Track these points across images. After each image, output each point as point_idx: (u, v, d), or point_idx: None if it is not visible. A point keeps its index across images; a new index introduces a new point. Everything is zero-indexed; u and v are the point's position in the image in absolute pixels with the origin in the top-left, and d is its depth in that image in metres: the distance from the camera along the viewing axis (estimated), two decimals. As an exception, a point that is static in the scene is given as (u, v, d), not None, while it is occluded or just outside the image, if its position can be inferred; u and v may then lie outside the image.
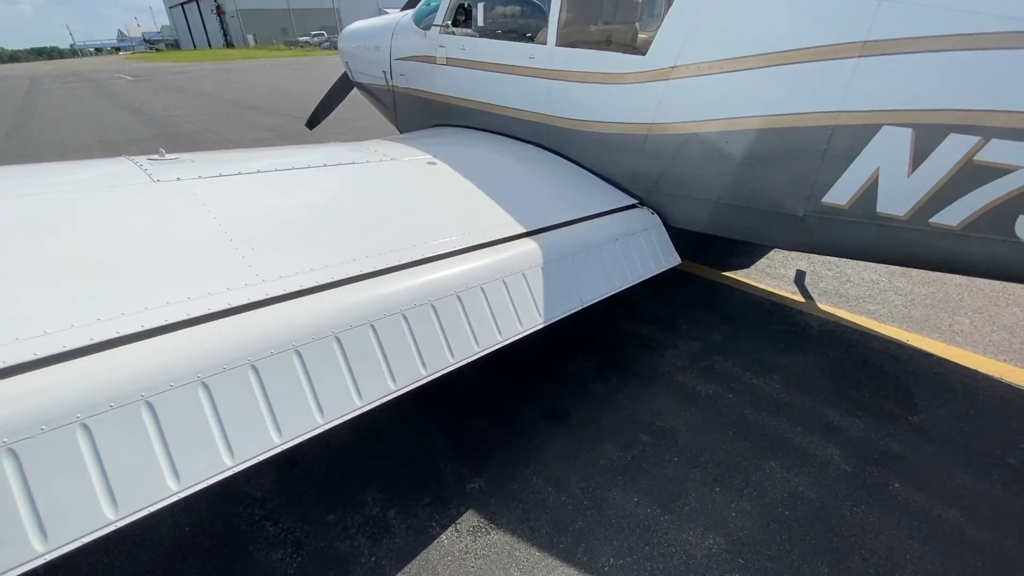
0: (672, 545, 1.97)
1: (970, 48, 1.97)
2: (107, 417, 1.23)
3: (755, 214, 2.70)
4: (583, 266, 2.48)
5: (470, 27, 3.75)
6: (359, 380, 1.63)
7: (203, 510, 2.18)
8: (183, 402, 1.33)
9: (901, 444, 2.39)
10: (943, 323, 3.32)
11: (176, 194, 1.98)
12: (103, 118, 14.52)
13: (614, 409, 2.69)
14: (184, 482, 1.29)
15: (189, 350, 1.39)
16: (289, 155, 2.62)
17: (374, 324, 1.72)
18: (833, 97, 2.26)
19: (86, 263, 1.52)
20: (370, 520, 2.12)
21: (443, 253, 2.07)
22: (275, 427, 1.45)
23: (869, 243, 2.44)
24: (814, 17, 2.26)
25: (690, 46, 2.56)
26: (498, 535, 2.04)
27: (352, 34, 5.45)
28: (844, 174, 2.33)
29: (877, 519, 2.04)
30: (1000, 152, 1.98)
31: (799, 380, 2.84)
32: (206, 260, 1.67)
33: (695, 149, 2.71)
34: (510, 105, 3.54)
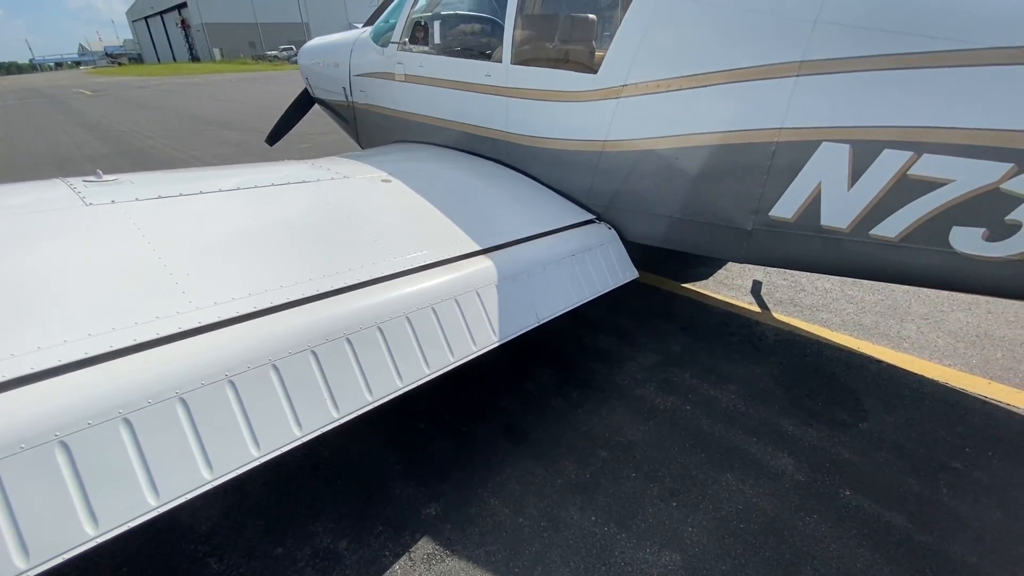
0: (629, 564, 1.96)
1: (900, 67, 2.05)
2: (17, 459, 1.15)
3: (707, 228, 2.75)
4: (540, 282, 2.47)
5: (427, 44, 3.76)
6: (298, 409, 1.57)
7: (142, 547, 2.07)
8: (101, 440, 1.26)
9: (851, 452, 2.44)
10: (892, 330, 3.43)
11: (108, 218, 1.90)
12: (59, 134, 14.04)
13: (573, 425, 2.67)
14: (103, 526, 1.21)
15: (109, 384, 1.32)
16: (236, 174, 2.56)
17: (315, 350, 1.67)
18: (775, 115, 2.32)
19: (46, 287, 1.44)
20: (320, 552, 2.04)
21: (392, 273, 2.03)
22: (206, 462, 1.38)
23: (815, 255, 2.50)
24: (753, 38, 2.33)
25: (638, 65, 2.61)
26: (453, 562, 1.99)
27: (311, 50, 5.41)
28: (789, 188, 2.39)
29: (829, 528, 2.07)
30: (932, 166, 2.06)
31: (754, 390, 2.88)
32: (136, 288, 1.59)
33: (647, 165, 2.75)
34: (468, 122, 3.54)
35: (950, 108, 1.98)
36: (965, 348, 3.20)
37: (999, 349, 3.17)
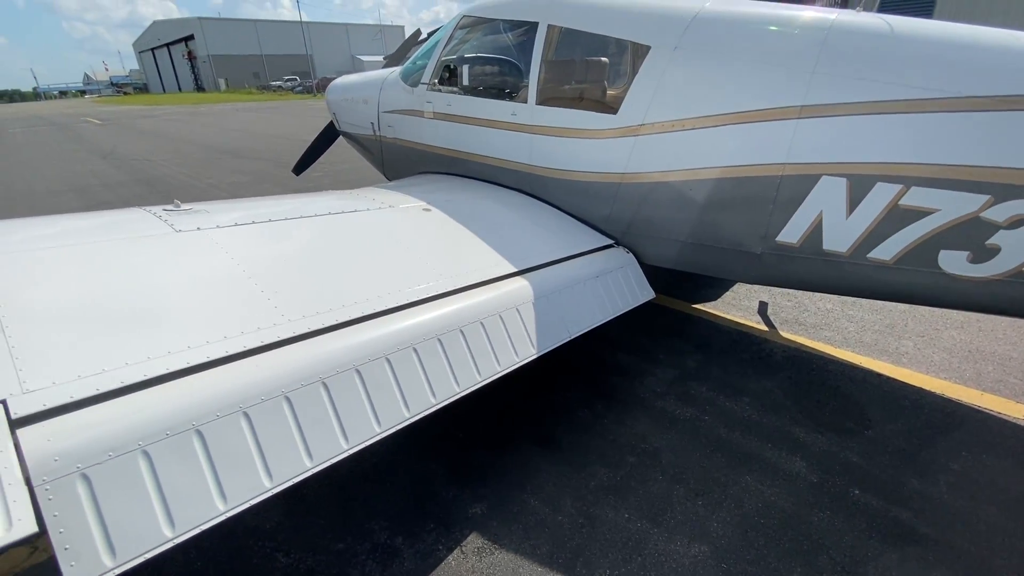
0: (662, 555, 2.15)
1: (888, 112, 2.36)
2: (164, 445, 1.37)
3: (719, 252, 3.02)
4: (569, 301, 2.72)
5: (455, 85, 4.09)
6: (378, 409, 1.80)
7: (214, 546, 2.25)
8: (228, 430, 1.48)
9: (858, 456, 2.66)
10: (891, 346, 3.68)
11: (198, 243, 2.15)
12: (73, 163, 14.38)
13: (601, 434, 2.89)
14: (231, 503, 1.43)
15: (230, 384, 1.55)
16: (295, 204, 2.83)
17: (389, 357, 1.90)
18: (779, 151, 2.61)
19: (132, 308, 1.68)
20: (379, 547, 2.23)
21: (445, 292, 2.28)
22: (307, 452, 1.60)
23: (819, 276, 2.77)
24: (759, 84, 2.64)
25: (655, 107, 2.92)
26: (501, 554, 2.18)
27: (340, 87, 5.77)
28: (793, 217, 2.67)
29: (841, 523, 2.28)
30: (920, 197, 2.35)
31: (766, 401, 3.11)
32: (238, 302, 1.84)
33: (663, 195, 3.03)
34: (494, 155, 3.84)
35: (932, 147, 2.27)
36: (959, 363, 3.45)
37: (990, 363, 3.42)
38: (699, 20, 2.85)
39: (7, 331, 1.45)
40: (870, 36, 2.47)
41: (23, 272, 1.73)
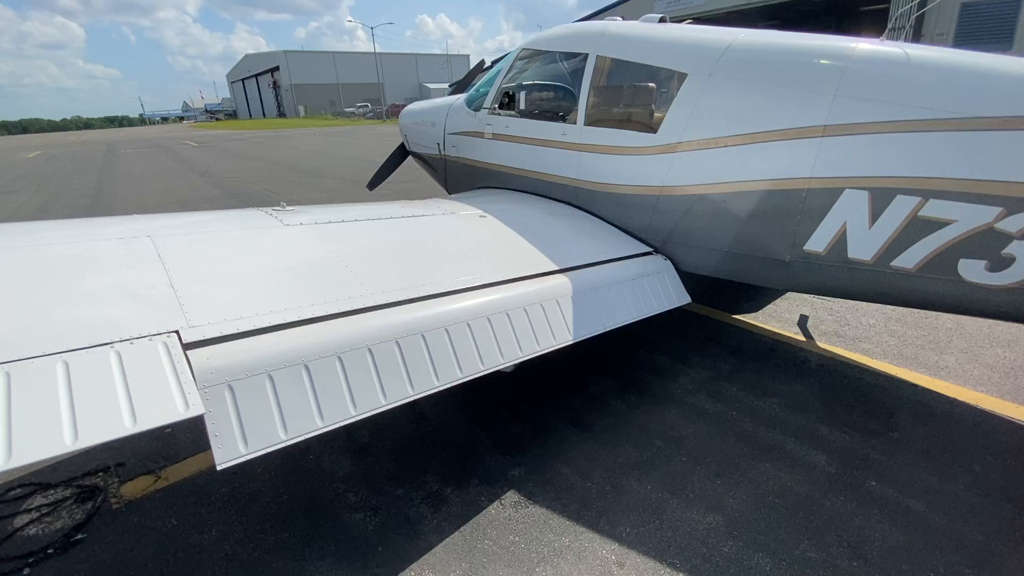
0: (679, 521, 2.41)
1: (904, 131, 2.58)
2: (283, 372, 1.84)
3: (750, 260, 3.25)
4: (606, 297, 3.05)
5: (513, 109, 4.58)
6: (437, 367, 2.21)
7: (294, 483, 2.73)
8: (327, 367, 1.94)
9: (880, 453, 2.79)
10: (931, 360, 3.72)
11: (302, 234, 2.69)
12: (175, 179, 16.24)
13: (632, 421, 3.16)
14: (326, 421, 1.87)
15: (330, 334, 2.02)
16: (375, 209, 3.35)
17: (448, 328, 2.32)
18: (804, 166, 2.86)
19: (259, 275, 2.21)
20: (431, 494, 2.62)
21: (495, 281, 2.68)
22: (382, 392, 2.03)
23: (844, 283, 2.95)
24: (785, 106, 2.91)
25: (691, 127, 3.25)
26: (535, 508, 2.51)
27: (411, 113, 6.45)
28: (819, 227, 2.89)
29: (853, 507, 2.44)
30: (937, 209, 2.53)
31: (795, 402, 3.27)
32: (333, 277, 2.33)
33: (699, 207, 3.32)
34: (545, 171, 4.27)
35: (946, 162, 2.47)
36: (1000, 378, 3.45)
37: (1035, 380, 3.41)
38: (731, 50, 3.17)
39: (176, 288, 1.98)
40: (888, 63, 2.70)
41: (182, 248, 2.30)
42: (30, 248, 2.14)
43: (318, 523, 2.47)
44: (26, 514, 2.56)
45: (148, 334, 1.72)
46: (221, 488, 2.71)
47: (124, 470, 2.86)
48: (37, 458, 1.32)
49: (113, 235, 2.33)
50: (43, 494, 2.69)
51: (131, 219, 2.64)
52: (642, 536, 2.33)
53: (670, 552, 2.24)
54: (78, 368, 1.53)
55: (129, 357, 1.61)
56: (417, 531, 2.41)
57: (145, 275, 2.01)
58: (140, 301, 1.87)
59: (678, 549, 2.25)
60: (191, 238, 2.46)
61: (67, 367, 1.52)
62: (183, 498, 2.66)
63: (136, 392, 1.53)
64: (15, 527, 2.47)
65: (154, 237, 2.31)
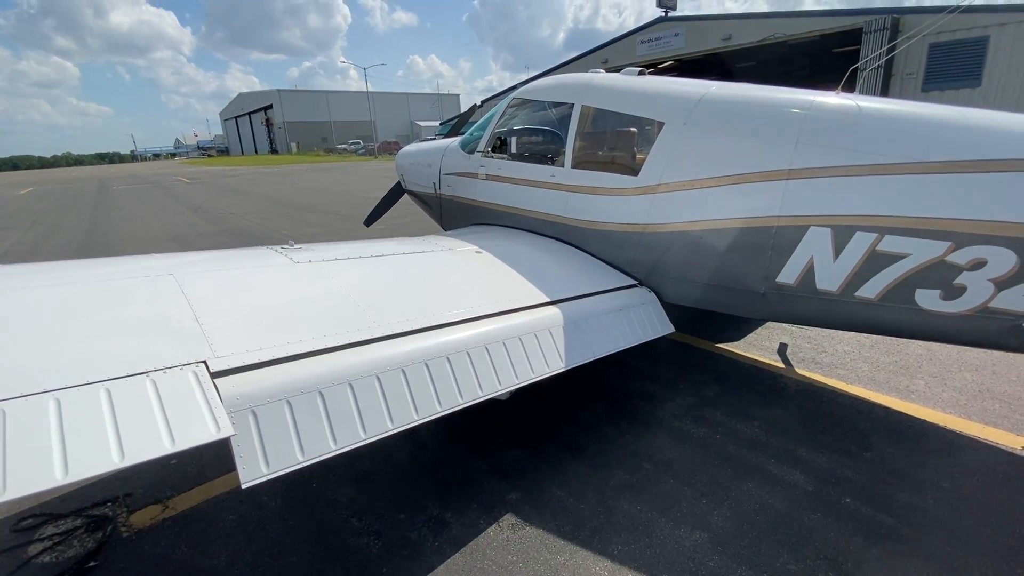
0: (667, 538, 2.55)
1: (860, 174, 2.86)
2: (300, 399, 2.01)
3: (728, 291, 3.49)
4: (595, 327, 3.25)
5: (505, 153, 4.88)
6: (440, 394, 2.38)
7: (299, 510, 2.83)
8: (339, 394, 2.10)
9: (854, 472, 2.97)
10: (901, 384, 3.94)
11: (312, 271, 2.89)
12: (169, 215, 16.41)
13: (622, 445, 3.32)
14: (339, 443, 2.02)
15: (342, 363, 2.19)
16: (377, 246, 3.57)
17: (449, 357, 2.50)
18: (773, 206, 3.13)
19: (274, 309, 2.39)
20: (432, 519, 2.74)
21: (492, 312, 2.88)
22: (389, 417, 2.19)
23: (815, 312, 3.19)
24: (753, 152, 3.21)
25: (669, 170, 3.54)
26: (532, 529, 2.64)
27: (408, 154, 6.77)
28: (789, 261, 3.14)
29: (829, 523, 2.60)
30: (893, 244, 2.79)
31: (775, 426, 3.46)
32: (342, 311, 2.51)
33: (679, 243, 3.58)
34: (536, 209, 4.54)
35: (898, 202, 2.74)
36: (967, 400, 3.68)
37: (997, 401, 3.63)
38: (704, 101, 3.50)
39: (201, 322, 2.16)
40: (841, 113, 3.02)
41: (203, 285, 2.48)
42: (65, 285, 2.31)
43: (325, 547, 2.57)
44: (39, 543, 2.63)
45: (179, 364, 1.88)
46: (228, 516, 2.80)
47: (132, 500, 2.94)
48: (90, 474, 1.47)
49: (139, 272, 2.51)
50: (54, 524, 2.76)
51: (152, 258, 2.82)
52: (633, 553, 2.47)
53: (659, 568, 2.38)
54: (119, 395, 1.68)
55: (163, 385, 1.78)
56: (420, 553, 2.52)
57: (172, 310, 2.19)
58: (169, 334, 2.04)
59: (666, 564, 2.39)
60: (210, 275, 2.65)
61: (109, 394, 1.67)
62: (191, 526, 2.75)
63: (172, 416, 1.68)
64: (29, 555, 2.54)
65: (176, 275, 2.49)
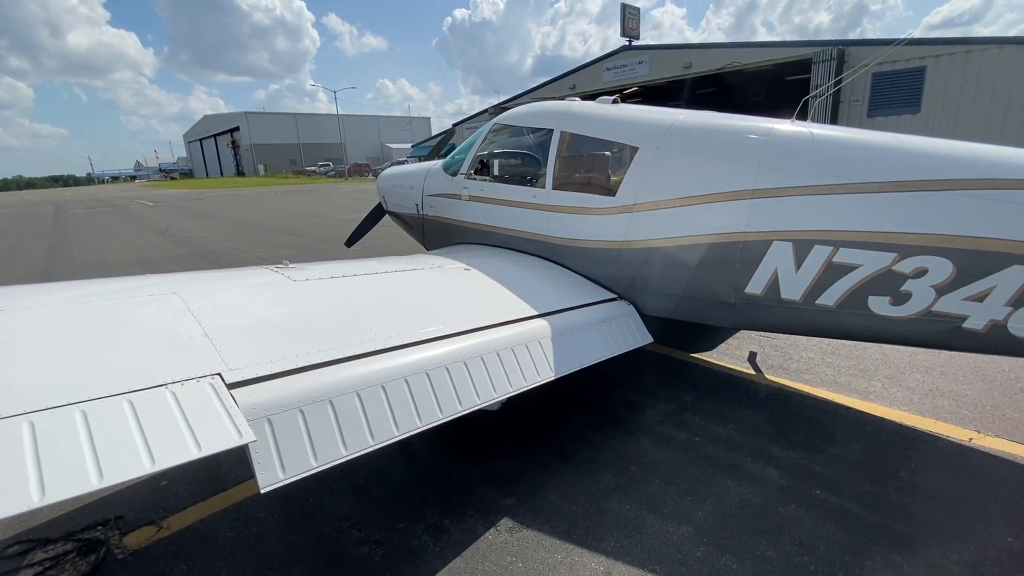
0: (656, 534, 2.71)
1: (814, 193, 3.16)
2: (311, 407, 2.10)
3: (701, 303, 3.74)
4: (580, 338, 3.44)
5: (487, 175, 5.10)
6: (441, 401, 2.50)
7: (298, 524, 2.87)
8: (348, 403, 2.20)
9: (823, 466, 3.21)
10: (861, 386, 4.25)
11: (310, 288, 2.99)
12: (135, 239, 15.97)
13: (609, 450, 3.48)
14: (349, 449, 2.12)
15: (348, 374, 2.29)
16: (368, 265, 3.69)
17: (448, 367, 2.63)
18: (739, 222, 3.41)
19: (281, 325, 2.48)
20: (431, 526, 2.82)
21: (485, 325, 3.03)
22: (394, 423, 2.30)
23: (781, 320, 3.46)
24: (720, 174, 3.48)
25: (644, 191, 3.80)
26: (528, 532, 2.76)
27: (390, 176, 6.92)
28: (755, 273, 3.41)
29: (803, 512, 2.81)
30: (846, 256, 3.08)
31: (749, 427, 3.69)
32: (343, 326, 2.62)
33: (654, 258, 3.82)
34: (518, 228, 4.74)
35: (849, 218, 3.04)
36: (919, 399, 4.00)
37: (947, 399, 3.97)
38: (674, 128, 3.80)
39: (211, 337, 2.24)
40: (797, 139, 3.35)
41: (208, 303, 2.55)
42: (73, 304, 2.35)
43: (327, 558, 2.62)
44: (28, 569, 2.59)
45: (195, 376, 1.97)
46: (226, 533, 2.82)
47: (124, 522, 2.92)
48: (124, 479, 1.54)
49: (142, 291, 2.57)
50: (43, 549, 2.72)
51: (152, 277, 2.88)
52: (625, 549, 2.61)
53: (650, 560, 2.53)
54: (141, 406, 1.76)
55: (183, 396, 1.86)
56: (421, 559, 2.60)
57: (181, 326, 2.26)
58: (181, 348, 2.11)
59: (657, 557, 2.55)
60: (212, 293, 2.72)
61: (132, 405, 1.75)
62: (189, 544, 2.75)
63: (195, 424, 1.77)
64: (20, 582, 2.51)
65: (179, 293, 2.57)
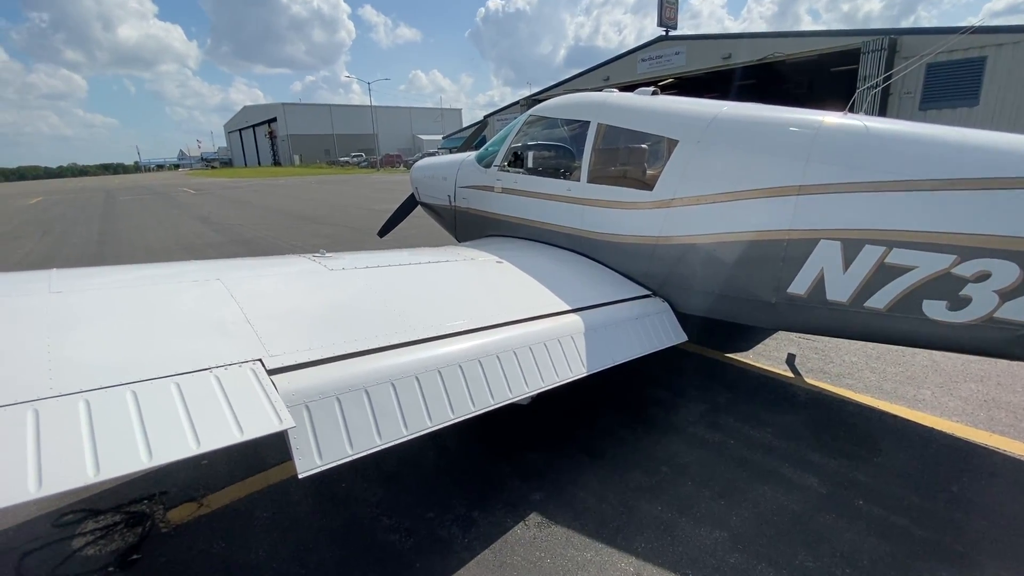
0: (689, 537, 2.65)
1: (866, 191, 3.01)
2: (348, 395, 2.13)
3: (739, 302, 3.62)
4: (614, 335, 3.38)
5: (521, 167, 5.05)
6: (473, 395, 2.49)
7: (330, 509, 2.93)
8: (383, 392, 2.22)
9: (866, 476, 3.07)
10: (909, 394, 4.06)
11: (347, 277, 3.03)
12: (178, 226, 16.59)
13: (639, 450, 3.42)
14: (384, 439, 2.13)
15: (385, 364, 2.31)
16: (402, 256, 3.71)
17: (480, 360, 2.62)
18: (784, 220, 3.27)
19: (319, 313, 2.52)
20: (460, 517, 2.84)
21: (519, 319, 3.00)
22: (427, 415, 2.30)
23: (825, 322, 3.32)
24: (765, 168, 3.35)
25: (683, 185, 3.69)
26: (557, 527, 2.74)
27: (423, 167, 6.96)
28: (799, 272, 3.27)
29: (844, 523, 2.70)
30: (900, 257, 2.93)
31: (787, 432, 3.57)
32: (379, 315, 2.64)
33: (692, 255, 3.72)
34: (551, 222, 4.69)
35: (905, 217, 2.88)
36: (974, 409, 3.79)
37: (1003, 410, 3.75)
38: (716, 120, 3.67)
39: (252, 324, 2.29)
40: (850, 133, 3.18)
41: (250, 289, 2.61)
42: (123, 288, 2.44)
43: (358, 543, 2.67)
44: (81, 537, 2.73)
45: (237, 361, 2.01)
46: (262, 513, 2.90)
47: (167, 498, 3.04)
48: (172, 459, 1.59)
49: (187, 277, 2.64)
50: (94, 519, 2.86)
51: (196, 263, 2.96)
52: (656, 550, 2.56)
53: (683, 563, 2.47)
54: (188, 389, 1.81)
55: (226, 380, 1.90)
56: (450, 549, 2.61)
57: (225, 312, 2.32)
58: (225, 334, 2.17)
59: (690, 561, 2.49)
60: (255, 281, 2.78)
61: (179, 388, 1.80)
62: (227, 522, 2.84)
63: (237, 409, 1.80)
64: (73, 548, 2.64)
65: (223, 279, 2.63)
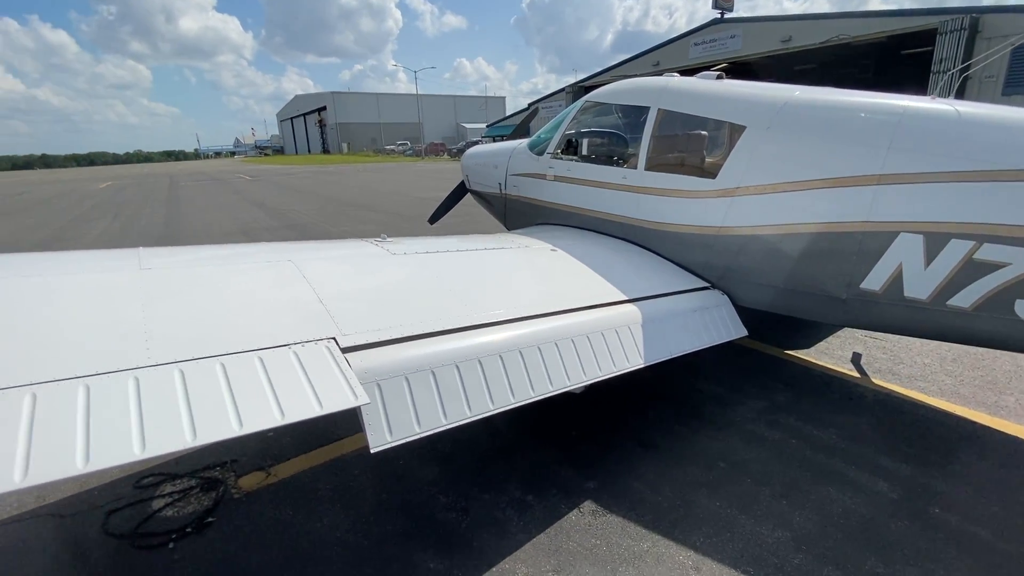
0: (750, 534, 2.58)
1: (955, 181, 2.81)
2: (415, 375, 2.18)
3: (806, 297, 3.47)
4: (671, 327, 3.31)
5: (575, 155, 4.99)
6: (533, 380, 2.50)
7: (389, 484, 3.02)
8: (447, 374, 2.26)
9: (942, 483, 2.91)
10: (989, 400, 3.80)
11: (408, 262, 3.09)
12: (236, 210, 17.38)
13: (695, 444, 3.36)
14: (449, 419, 2.18)
15: (447, 346, 2.35)
16: (460, 242, 3.75)
17: (540, 347, 2.62)
18: (860, 211, 3.10)
19: (386, 295, 2.60)
20: (515, 500, 2.87)
21: (576, 307, 2.98)
22: (490, 398, 2.33)
23: (901, 320, 3.14)
24: (841, 157, 3.18)
25: (750, 174, 3.55)
26: (612, 517, 2.73)
27: (474, 154, 6.99)
28: (875, 267, 3.10)
29: (918, 531, 2.57)
30: (991, 252, 2.73)
31: (853, 434, 3.41)
32: (446, 299, 2.69)
33: (755, 247, 3.58)
34: (605, 210, 4.62)
35: (999, 210, 2.68)
36: (1063, 419, 3.51)
37: (1099, 423, 3.45)
38: (788, 105, 3.50)
39: (325, 303, 2.37)
40: (939, 119, 2.97)
41: (321, 271, 2.71)
42: (203, 265, 2.58)
43: (416, 519, 2.75)
44: (160, 499, 2.93)
45: (313, 339, 2.09)
46: (325, 486, 3.03)
47: (238, 465, 3.22)
48: (259, 428, 1.68)
49: (260, 258, 2.77)
50: (172, 483, 3.06)
51: (267, 245, 3.10)
52: (715, 546, 2.52)
53: (743, 561, 2.42)
54: (270, 363, 1.90)
55: (304, 356, 1.98)
56: (506, 531, 2.65)
57: (299, 292, 2.41)
58: (300, 313, 2.26)
59: (751, 559, 2.43)
60: (323, 263, 2.89)
61: (263, 362, 1.89)
62: (293, 492, 2.98)
63: (316, 383, 1.88)
64: (153, 509, 2.84)
65: (294, 260, 2.74)
